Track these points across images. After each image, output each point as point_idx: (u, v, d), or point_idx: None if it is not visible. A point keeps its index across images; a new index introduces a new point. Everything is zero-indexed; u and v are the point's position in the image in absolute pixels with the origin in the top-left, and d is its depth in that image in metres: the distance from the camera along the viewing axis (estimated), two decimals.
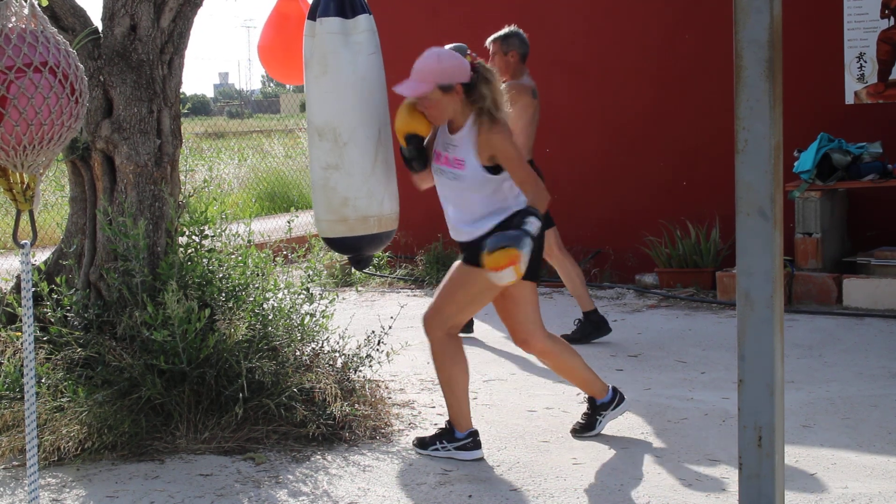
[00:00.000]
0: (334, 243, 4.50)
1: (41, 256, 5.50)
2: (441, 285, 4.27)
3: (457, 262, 4.27)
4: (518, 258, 3.83)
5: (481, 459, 4.22)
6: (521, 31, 6.23)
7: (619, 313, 7.11)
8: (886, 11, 7.26)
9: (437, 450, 4.27)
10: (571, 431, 4.51)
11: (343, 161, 4.34)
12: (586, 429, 4.48)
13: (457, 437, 4.25)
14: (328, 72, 4.33)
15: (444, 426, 4.33)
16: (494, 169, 4.09)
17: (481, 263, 3.96)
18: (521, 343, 4.35)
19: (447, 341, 4.23)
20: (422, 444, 4.32)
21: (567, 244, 8.34)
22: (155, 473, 4.04)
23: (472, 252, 4.16)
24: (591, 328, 6.26)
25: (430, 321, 4.24)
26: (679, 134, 7.97)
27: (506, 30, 6.22)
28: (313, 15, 4.37)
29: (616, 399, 4.48)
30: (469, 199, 4.15)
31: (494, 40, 6.19)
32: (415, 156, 4.24)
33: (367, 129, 4.34)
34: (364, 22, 4.36)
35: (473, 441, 4.24)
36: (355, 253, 4.55)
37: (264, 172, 14.65)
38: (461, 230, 4.22)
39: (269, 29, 7.67)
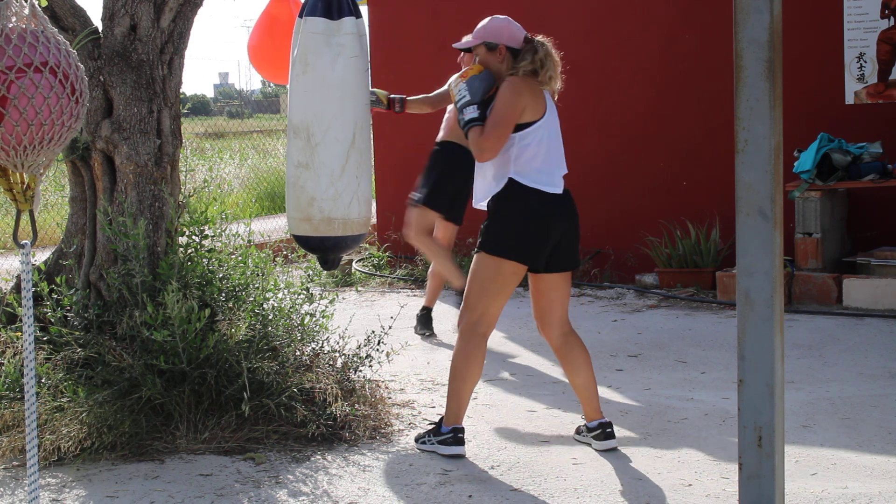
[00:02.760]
0: (300, 241, 4.54)
1: (41, 256, 5.51)
2: None
3: None
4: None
5: (462, 457, 4.22)
6: None
7: (619, 313, 7.12)
8: (886, 11, 7.26)
9: (424, 443, 4.31)
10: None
11: (313, 161, 4.35)
12: (576, 432, 4.47)
13: (441, 431, 4.26)
14: (307, 71, 4.35)
15: (437, 421, 4.38)
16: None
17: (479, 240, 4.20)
18: (538, 327, 4.42)
19: (468, 335, 4.23)
20: (418, 436, 4.38)
21: None
22: (155, 473, 4.04)
23: (479, 236, 4.24)
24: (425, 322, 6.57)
25: (460, 313, 4.29)
26: (679, 134, 7.97)
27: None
28: (302, 13, 4.39)
29: (598, 431, 4.30)
30: (483, 164, 4.26)
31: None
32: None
33: (341, 131, 4.35)
34: (349, 25, 4.35)
35: (454, 437, 4.23)
36: (319, 253, 4.56)
37: (265, 172, 14.66)
38: (475, 194, 4.33)
39: (260, 29, 7.73)
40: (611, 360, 5.82)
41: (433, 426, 4.36)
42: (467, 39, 4.36)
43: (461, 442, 4.24)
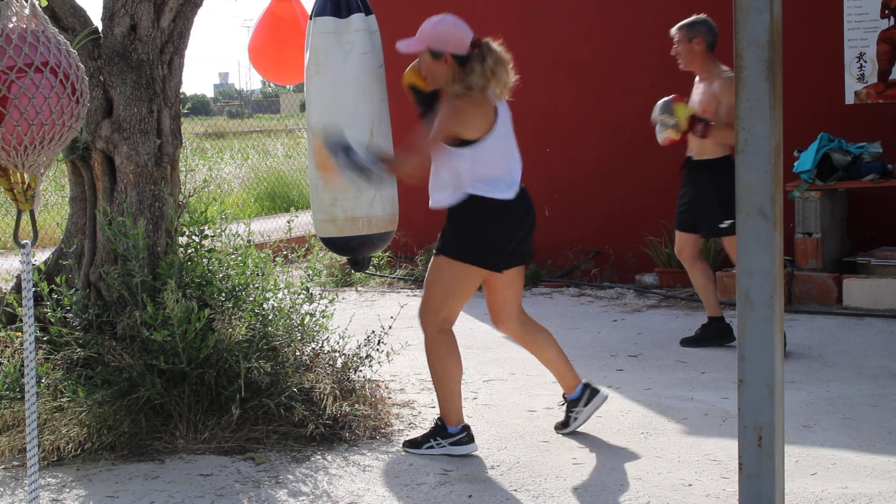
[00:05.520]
0: (327, 243, 4.55)
1: (41, 256, 5.51)
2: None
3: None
4: (328, 165, 4.09)
5: (475, 454, 4.23)
6: (709, 19, 5.98)
7: (619, 313, 7.12)
8: (886, 11, 7.26)
9: (431, 447, 4.25)
10: (555, 427, 4.52)
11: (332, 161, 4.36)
12: (562, 426, 4.50)
13: (450, 432, 4.24)
14: (320, 71, 4.36)
15: (435, 423, 4.33)
16: (453, 141, 4.12)
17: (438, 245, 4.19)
18: (495, 322, 4.46)
19: (439, 336, 4.23)
20: (414, 444, 4.30)
21: (567, 244, 8.34)
22: (155, 473, 4.04)
23: (440, 240, 4.23)
24: (713, 334, 6.07)
25: (422, 317, 4.26)
26: None
27: (693, 17, 5.99)
28: (312, 15, 4.41)
29: (585, 395, 4.41)
30: (436, 165, 4.21)
31: (679, 28, 5.97)
32: (423, 112, 4.26)
33: (357, 129, 4.35)
34: (358, 21, 4.36)
35: (467, 435, 4.24)
36: (347, 254, 4.56)
37: (265, 172, 14.67)
38: (431, 196, 4.28)
39: (261, 29, 7.69)
40: (611, 360, 5.82)
41: (432, 430, 4.31)
42: (408, 42, 4.18)
43: (473, 439, 4.26)
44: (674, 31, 6.01)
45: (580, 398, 4.39)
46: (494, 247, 4.17)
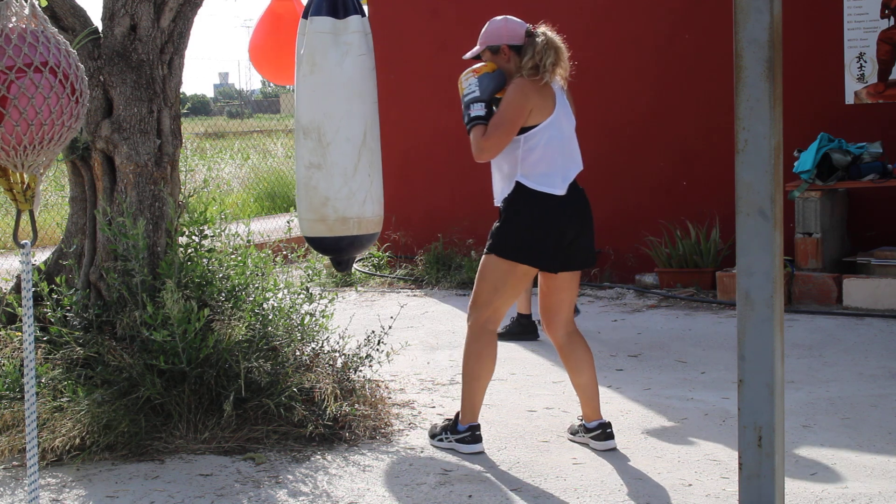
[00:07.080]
0: (314, 242, 4.55)
1: (41, 256, 5.51)
2: None
3: None
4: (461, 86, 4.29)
5: (481, 453, 4.25)
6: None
7: (619, 313, 7.11)
8: (886, 11, 7.26)
9: (441, 440, 4.34)
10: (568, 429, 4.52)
11: (325, 161, 4.37)
12: (571, 433, 4.47)
13: (458, 429, 4.30)
14: (315, 71, 4.36)
15: (452, 417, 4.40)
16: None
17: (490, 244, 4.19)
18: (544, 326, 4.41)
19: (479, 334, 4.24)
20: (433, 432, 4.40)
21: None
22: (155, 473, 4.04)
23: (489, 238, 4.24)
24: (519, 329, 6.41)
25: (469, 312, 4.29)
26: (679, 134, 7.97)
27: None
28: (306, 14, 4.41)
29: (599, 432, 4.30)
30: (499, 157, 4.24)
31: None
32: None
33: (351, 130, 4.36)
34: (355, 23, 4.37)
35: (472, 435, 4.27)
36: (335, 254, 4.57)
37: (265, 172, 14.68)
38: (494, 192, 4.31)
39: (261, 29, 7.71)
40: (611, 360, 5.82)
41: (448, 423, 4.37)
42: (472, 50, 4.38)
43: (479, 439, 4.28)
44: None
45: (593, 430, 4.34)
46: (541, 244, 4.14)
